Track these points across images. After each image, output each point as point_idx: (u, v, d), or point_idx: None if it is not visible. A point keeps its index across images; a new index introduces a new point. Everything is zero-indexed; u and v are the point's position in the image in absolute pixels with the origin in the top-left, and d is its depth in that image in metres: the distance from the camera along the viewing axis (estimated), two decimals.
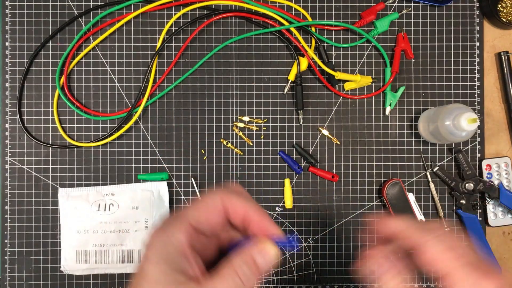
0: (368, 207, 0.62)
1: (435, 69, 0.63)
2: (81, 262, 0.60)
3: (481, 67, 0.63)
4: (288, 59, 0.62)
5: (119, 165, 0.61)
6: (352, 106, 0.62)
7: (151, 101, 0.61)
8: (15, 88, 0.61)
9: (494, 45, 0.64)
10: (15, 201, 0.61)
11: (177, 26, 0.61)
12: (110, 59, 0.61)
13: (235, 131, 0.61)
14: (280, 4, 0.62)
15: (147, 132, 0.61)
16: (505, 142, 0.64)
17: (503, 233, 0.64)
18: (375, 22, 0.62)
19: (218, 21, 0.62)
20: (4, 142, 0.61)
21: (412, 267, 0.36)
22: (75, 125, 0.61)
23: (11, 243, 0.61)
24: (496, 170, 0.62)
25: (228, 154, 0.62)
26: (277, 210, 0.62)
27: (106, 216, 0.60)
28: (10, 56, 0.61)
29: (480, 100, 0.63)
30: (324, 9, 0.62)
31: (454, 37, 0.63)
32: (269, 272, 0.61)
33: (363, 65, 0.63)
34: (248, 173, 0.62)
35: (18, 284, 0.61)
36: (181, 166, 0.62)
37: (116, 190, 0.60)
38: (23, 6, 0.61)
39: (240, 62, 0.62)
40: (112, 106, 0.61)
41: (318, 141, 0.62)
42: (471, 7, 0.63)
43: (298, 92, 0.61)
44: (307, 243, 0.62)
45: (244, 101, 0.62)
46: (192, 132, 0.62)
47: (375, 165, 0.62)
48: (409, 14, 0.63)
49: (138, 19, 0.61)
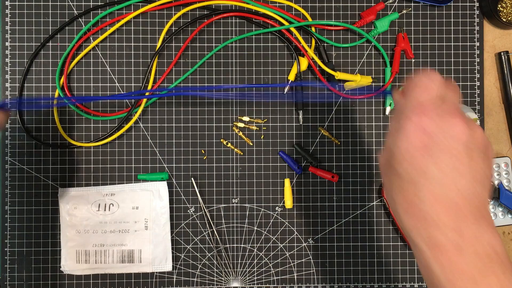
0: (368, 207, 0.62)
1: (435, 69, 0.63)
2: (81, 262, 0.60)
3: (481, 67, 0.63)
4: (288, 59, 0.62)
5: (119, 165, 0.61)
6: (352, 106, 0.62)
7: (151, 101, 0.61)
8: (15, 88, 0.61)
9: (494, 45, 0.64)
10: (15, 201, 0.61)
11: (177, 26, 0.61)
12: (110, 59, 0.61)
13: (235, 131, 0.62)
14: (280, 4, 0.62)
15: (147, 132, 0.61)
16: (505, 142, 0.64)
17: (503, 233, 0.64)
18: (375, 22, 0.62)
19: (218, 21, 0.62)
20: (4, 142, 0.61)
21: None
22: (75, 125, 0.61)
23: (11, 243, 0.61)
24: (496, 170, 0.62)
25: (228, 154, 0.62)
26: (277, 210, 0.62)
27: (106, 216, 0.60)
28: (10, 56, 0.61)
29: (480, 100, 0.63)
30: (324, 9, 0.62)
31: (454, 37, 0.63)
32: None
33: (363, 65, 0.63)
34: (248, 173, 0.62)
35: (18, 284, 0.61)
36: (181, 166, 0.62)
37: (116, 190, 0.60)
38: (23, 6, 0.61)
39: (240, 62, 0.62)
40: (112, 106, 0.61)
41: (318, 141, 0.62)
42: (471, 7, 0.63)
43: (298, 92, 0.61)
44: (307, 243, 0.62)
45: (244, 101, 0.62)
46: (192, 132, 0.62)
47: (375, 165, 0.62)
48: (409, 14, 0.63)
49: (138, 19, 0.61)
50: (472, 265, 0.32)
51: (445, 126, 0.34)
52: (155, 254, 0.60)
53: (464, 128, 0.34)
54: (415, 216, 0.34)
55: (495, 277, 0.32)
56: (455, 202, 0.33)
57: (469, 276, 0.32)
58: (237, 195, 0.62)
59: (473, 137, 0.34)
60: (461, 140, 0.34)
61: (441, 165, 0.33)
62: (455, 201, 0.33)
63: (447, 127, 0.34)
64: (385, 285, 0.62)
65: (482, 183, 0.34)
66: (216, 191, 0.62)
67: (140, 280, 0.61)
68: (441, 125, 0.34)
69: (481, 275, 0.32)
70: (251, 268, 0.62)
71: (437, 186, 0.33)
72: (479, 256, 0.32)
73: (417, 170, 0.34)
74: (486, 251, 0.32)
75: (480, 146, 0.34)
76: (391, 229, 0.62)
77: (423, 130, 0.34)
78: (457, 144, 0.34)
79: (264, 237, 0.62)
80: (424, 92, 0.36)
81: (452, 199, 0.33)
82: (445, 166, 0.33)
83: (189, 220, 0.62)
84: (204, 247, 0.62)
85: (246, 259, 0.62)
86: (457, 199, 0.33)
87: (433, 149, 0.34)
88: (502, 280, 0.32)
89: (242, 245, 0.62)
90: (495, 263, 0.32)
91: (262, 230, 0.62)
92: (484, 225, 0.33)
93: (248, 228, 0.62)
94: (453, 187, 0.33)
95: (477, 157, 0.34)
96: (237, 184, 0.62)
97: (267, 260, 0.62)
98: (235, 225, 0.62)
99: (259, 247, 0.62)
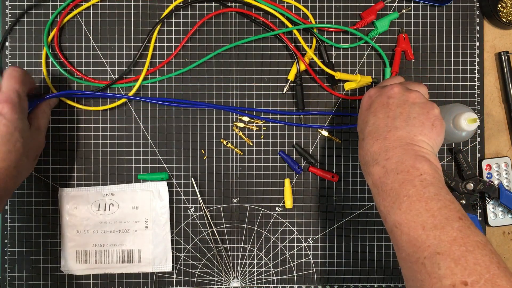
0: (368, 207, 0.62)
1: (435, 69, 0.63)
2: (81, 262, 0.60)
3: (481, 67, 0.63)
4: (288, 59, 0.62)
5: (119, 165, 0.61)
6: (352, 106, 0.62)
7: (149, 81, 0.61)
8: None
9: (494, 45, 0.64)
10: (15, 201, 0.61)
11: (177, 17, 0.61)
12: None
13: (235, 131, 0.62)
14: (282, 4, 0.61)
15: (147, 132, 0.61)
16: (505, 142, 0.64)
17: (503, 233, 0.64)
18: (375, 23, 0.61)
19: (219, 21, 0.62)
20: None
21: None
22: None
23: (11, 243, 0.61)
24: (496, 170, 0.62)
25: (228, 154, 0.62)
26: (277, 210, 0.62)
27: (106, 216, 0.60)
28: (10, 56, 0.61)
29: (480, 100, 0.63)
30: (324, 9, 0.62)
31: (454, 37, 0.63)
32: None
33: (363, 65, 0.63)
34: (248, 173, 0.62)
35: (18, 284, 0.61)
36: (181, 166, 0.62)
37: (116, 190, 0.60)
38: (23, 6, 0.61)
39: (240, 62, 0.62)
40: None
41: (318, 141, 0.62)
42: (471, 7, 0.63)
43: (298, 92, 0.61)
44: (307, 243, 0.62)
45: (244, 101, 0.62)
46: (192, 132, 0.62)
47: None
48: (409, 14, 0.63)
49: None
50: (395, 181, 0.41)
51: (384, 90, 0.47)
52: (155, 254, 0.60)
53: (398, 90, 0.46)
54: (361, 154, 0.46)
55: (413, 188, 0.40)
56: (383, 137, 0.44)
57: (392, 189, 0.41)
58: (237, 195, 0.62)
59: (407, 95, 0.46)
60: (394, 96, 0.46)
61: (376, 114, 0.46)
62: (384, 135, 0.44)
63: (385, 90, 0.47)
64: (385, 285, 0.62)
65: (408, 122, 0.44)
66: (216, 191, 0.62)
67: (140, 280, 0.61)
68: (380, 91, 0.48)
69: (400, 187, 0.40)
70: (251, 268, 0.62)
71: (372, 128, 0.45)
72: (401, 174, 0.41)
73: (364, 122, 0.47)
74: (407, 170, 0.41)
75: (414, 101, 0.46)
76: None
77: (369, 96, 0.49)
78: (389, 99, 0.46)
79: (264, 237, 0.62)
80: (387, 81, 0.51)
81: (382, 134, 0.44)
82: (379, 113, 0.46)
83: (189, 220, 0.62)
84: (204, 247, 0.62)
85: (246, 259, 0.62)
86: (386, 134, 0.44)
87: (372, 106, 0.47)
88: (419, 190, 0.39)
89: (242, 245, 0.62)
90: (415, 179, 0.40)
91: (262, 230, 0.62)
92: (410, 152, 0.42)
93: (248, 228, 0.62)
94: (383, 125, 0.44)
95: (407, 106, 0.45)
96: (237, 184, 0.62)
97: (267, 260, 0.62)
98: (235, 225, 0.62)
99: (259, 247, 0.62)
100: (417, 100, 0.46)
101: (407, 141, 0.43)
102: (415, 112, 0.45)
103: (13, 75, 0.51)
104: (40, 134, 0.55)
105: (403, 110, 0.45)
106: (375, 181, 0.42)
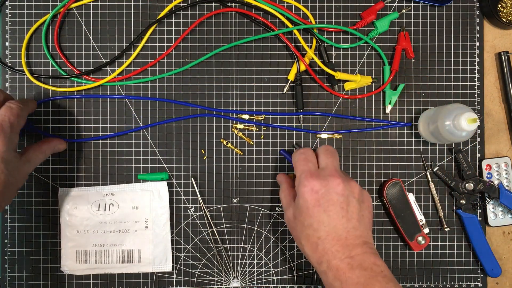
0: None
1: (435, 69, 0.63)
2: (81, 262, 0.60)
3: (481, 67, 0.63)
4: (288, 59, 0.62)
5: (119, 165, 0.61)
6: (352, 106, 0.62)
7: (148, 78, 0.61)
8: (15, 88, 0.61)
9: (494, 45, 0.64)
10: (15, 201, 0.61)
11: (177, 17, 0.61)
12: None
13: (235, 132, 0.62)
14: (282, 4, 0.62)
15: (147, 132, 0.61)
16: (505, 142, 0.64)
17: (503, 233, 0.64)
18: (375, 23, 0.62)
19: (218, 21, 0.62)
20: None
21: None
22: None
23: (11, 243, 0.61)
24: (496, 170, 0.62)
25: (228, 154, 0.62)
26: (277, 210, 0.62)
27: (106, 216, 0.60)
28: (10, 56, 0.61)
29: (480, 100, 0.63)
30: (324, 9, 0.62)
31: (454, 37, 0.63)
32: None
33: (363, 65, 0.63)
34: (248, 173, 0.62)
35: (18, 284, 0.61)
36: (181, 166, 0.62)
37: (116, 190, 0.60)
38: (23, 6, 0.61)
39: (240, 62, 0.62)
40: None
41: (318, 141, 0.62)
42: (471, 7, 0.63)
43: (298, 92, 0.61)
44: None
45: (244, 101, 0.62)
46: (192, 132, 0.62)
47: (375, 165, 0.62)
48: (409, 14, 0.63)
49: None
50: (361, 277, 0.44)
51: (329, 185, 0.48)
52: (155, 254, 0.60)
53: (343, 185, 0.48)
54: (318, 252, 0.47)
55: (378, 283, 0.44)
56: (344, 237, 0.47)
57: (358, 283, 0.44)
58: (237, 195, 0.62)
59: (351, 190, 0.49)
60: (342, 194, 0.48)
61: (330, 213, 0.47)
62: (344, 236, 0.47)
63: (331, 186, 0.48)
64: None
65: (361, 221, 0.48)
66: (216, 191, 0.62)
67: (140, 280, 0.61)
68: (326, 185, 0.48)
69: (367, 282, 0.44)
70: (251, 268, 0.62)
71: (330, 228, 0.47)
72: (366, 271, 0.45)
73: (315, 220, 0.48)
74: (371, 268, 0.45)
75: (356, 196, 0.49)
76: (391, 229, 0.62)
77: (315, 191, 0.48)
78: (338, 197, 0.48)
79: (264, 237, 0.62)
80: (306, 163, 0.51)
81: (341, 235, 0.47)
82: (333, 213, 0.47)
83: (189, 220, 0.62)
84: (204, 247, 0.62)
85: (246, 259, 0.62)
86: (345, 234, 0.47)
87: (323, 203, 0.48)
88: (383, 285, 0.44)
89: (242, 245, 0.62)
90: (379, 275, 0.45)
91: (262, 230, 0.62)
92: (369, 251, 0.46)
93: (248, 228, 0.62)
94: (341, 226, 0.47)
95: (355, 204, 0.48)
96: (237, 184, 0.62)
97: (267, 260, 0.62)
98: (235, 225, 0.62)
99: (259, 247, 0.62)
100: (358, 192, 0.49)
101: (363, 240, 0.47)
102: (363, 208, 0.49)
103: (11, 107, 0.50)
104: (28, 167, 0.54)
105: (354, 209, 0.48)
106: (339, 276, 0.45)
